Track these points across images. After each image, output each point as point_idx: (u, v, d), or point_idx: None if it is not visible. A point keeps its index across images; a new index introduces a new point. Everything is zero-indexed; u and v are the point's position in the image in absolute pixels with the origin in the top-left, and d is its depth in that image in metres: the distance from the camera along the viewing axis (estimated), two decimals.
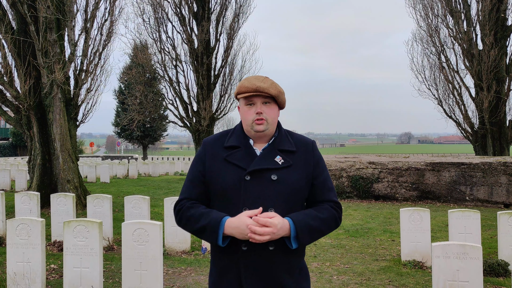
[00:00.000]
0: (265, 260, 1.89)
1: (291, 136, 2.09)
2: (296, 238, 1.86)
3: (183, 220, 1.98)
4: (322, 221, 1.93)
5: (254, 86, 1.95)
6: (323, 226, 1.94)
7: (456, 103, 20.51)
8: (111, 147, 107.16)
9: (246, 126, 2.02)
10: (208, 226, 1.87)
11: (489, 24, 18.13)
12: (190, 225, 1.95)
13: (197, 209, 1.95)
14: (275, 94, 1.98)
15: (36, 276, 4.69)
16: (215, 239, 1.86)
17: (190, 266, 6.12)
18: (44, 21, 10.53)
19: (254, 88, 1.95)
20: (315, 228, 1.90)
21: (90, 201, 7.31)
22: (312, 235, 1.91)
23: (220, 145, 2.03)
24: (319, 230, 1.93)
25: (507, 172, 11.75)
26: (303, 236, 1.87)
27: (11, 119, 11.28)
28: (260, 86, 1.95)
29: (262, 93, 1.96)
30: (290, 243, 1.88)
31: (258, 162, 1.94)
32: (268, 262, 1.89)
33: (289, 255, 1.93)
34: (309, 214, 1.93)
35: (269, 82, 1.99)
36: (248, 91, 1.96)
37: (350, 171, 13.09)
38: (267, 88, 1.96)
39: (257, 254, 1.88)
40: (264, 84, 1.97)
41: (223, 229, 1.84)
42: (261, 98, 1.98)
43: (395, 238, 7.82)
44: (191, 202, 2.00)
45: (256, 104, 1.98)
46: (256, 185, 1.90)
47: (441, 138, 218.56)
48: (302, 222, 1.87)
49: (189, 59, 20.80)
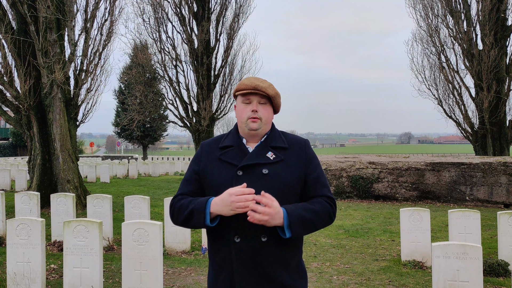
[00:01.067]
0: (258, 251, 1.90)
1: (285, 135, 2.14)
2: (289, 227, 1.86)
3: (175, 212, 2.03)
4: (314, 213, 1.94)
5: (253, 84, 2.02)
6: (316, 218, 1.95)
7: (456, 103, 20.51)
8: (111, 147, 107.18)
9: (240, 124, 2.08)
10: (195, 209, 1.93)
11: (489, 24, 18.13)
12: (181, 213, 1.99)
13: (186, 199, 2.02)
14: (272, 94, 2.04)
15: (36, 276, 4.69)
16: (203, 219, 1.90)
17: (190, 266, 6.12)
18: (44, 21, 10.53)
19: (253, 86, 2.02)
20: (307, 219, 1.91)
21: (90, 201, 7.31)
22: (305, 226, 1.91)
23: (216, 146, 2.11)
24: (311, 221, 1.93)
25: (507, 172, 11.75)
26: (295, 226, 1.87)
27: (11, 119, 11.28)
28: (258, 84, 2.02)
29: (260, 92, 2.02)
30: (283, 232, 1.89)
31: (250, 158, 2.00)
32: (261, 254, 1.90)
33: (283, 247, 1.94)
34: (302, 206, 1.95)
35: (268, 83, 2.06)
36: (247, 88, 2.03)
37: (350, 171, 13.09)
38: (265, 88, 2.02)
39: (250, 245, 1.90)
40: (262, 84, 2.03)
41: (209, 208, 1.89)
42: (258, 97, 2.04)
43: (395, 238, 7.82)
44: (182, 195, 2.06)
45: (253, 102, 2.04)
46: (248, 180, 1.94)
47: (441, 138, 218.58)
48: (295, 212, 1.89)
49: (189, 59, 20.80)
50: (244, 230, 1.90)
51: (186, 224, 2.00)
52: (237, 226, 1.91)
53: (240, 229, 1.90)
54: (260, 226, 1.87)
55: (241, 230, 1.90)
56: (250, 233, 1.90)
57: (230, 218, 1.91)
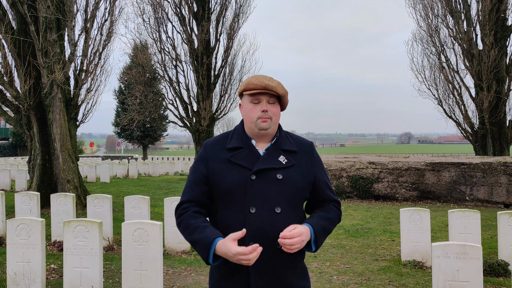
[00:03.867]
0: (273, 257, 1.91)
1: (291, 136, 2.13)
2: (315, 241, 1.95)
3: (182, 226, 2.01)
4: (331, 221, 2.06)
5: (262, 83, 1.97)
6: (332, 226, 2.08)
7: (456, 103, 20.51)
8: (111, 147, 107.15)
9: (249, 124, 2.03)
10: (200, 243, 1.90)
11: (489, 24, 18.13)
12: (186, 235, 1.98)
13: (195, 220, 1.96)
14: (282, 93, 2.01)
15: (36, 276, 4.69)
16: (205, 257, 1.88)
17: (190, 266, 6.12)
18: (44, 21, 10.53)
19: (263, 86, 1.97)
20: (327, 228, 2.03)
21: (90, 201, 7.31)
22: (326, 235, 2.04)
23: (222, 146, 2.05)
24: (329, 230, 2.05)
25: (507, 172, 11.75)
26: (320, 239, 1.97)
27: (11, 119, 11.28)
28: (268, 84, 1.97)
29: (270, 92, 1.98)
30: (309, 247, 1.96)
31: (264, 162, 1.97)
32: (276, 260, 1.92)
33: (294, 254, 1.95)
34: (321, 217, 2.04)
35: (276, 82, 2.02)
36: (256, 88, 1.98)
37: (350, 171, 13.09)
38: (275, 87, 1.98)
39: (265, 251, 1.88)
40: (272, 83, 1.99)
41: (214, 249, 1.86)
42: (267, 97, 2.00)
43: (395, 238, 7.82)
44: (194, 210, 2.00)
45: (262, 102, 2.00)
46: (262, 184, 1.92)
47: (441, 138, 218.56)
48: (318, 226, 1.98)
49: (189, 59, 20.78)
50: (258, 235, 1.89)
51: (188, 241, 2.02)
52: (251, 231, 1.88)
53: (254, 235, 1.88)
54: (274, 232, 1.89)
55: (256, 236, 1.88)
56: (265, 239, 1.88)
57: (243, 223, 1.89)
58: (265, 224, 1.89)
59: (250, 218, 1.89)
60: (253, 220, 1.88)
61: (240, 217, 1.91)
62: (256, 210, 1.89)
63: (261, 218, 1.89)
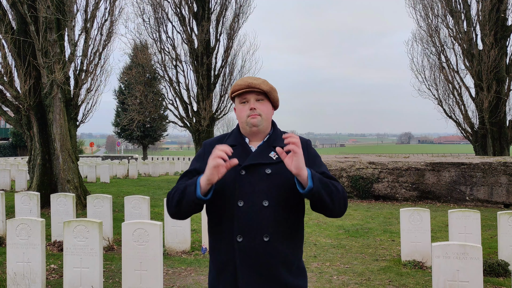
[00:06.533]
0: (261, 251, 1.90)
1: None
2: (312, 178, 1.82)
3: (170, 198, 1.99)
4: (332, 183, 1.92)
5: (246, 82, 2.04)
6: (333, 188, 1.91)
7: (456, 103, 20.52)
8: (111, 147, 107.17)
9: (241, 124, 2.09)
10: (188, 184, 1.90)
11: (489, 24, 18.14)
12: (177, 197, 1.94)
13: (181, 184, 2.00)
14: (267, 89, 2.05)
15: (36, 276, 4.69)
16: (193, 189, 1.85)
17: (190, 266, 6.12)
18: (44, 21, 10.53)
19: (246, 85, 2.03)
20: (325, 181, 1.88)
21: (90, 201, 7.31)
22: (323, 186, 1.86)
23: None
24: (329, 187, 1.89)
25: (507, 172, 11.75)
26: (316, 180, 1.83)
27: (11, 119, 11.28)
28: (252, 82, 2.04)
29: (254, 89, 2.03)
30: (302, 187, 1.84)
31: (254, 157, 2.00)
32: (264, 254, 1.90)
33: (285, 247, 1.94)
34: None
35: (261, 80, 2.08)
36: (241, 88, 2.04)
37: (350, 171, 13.09)
38: (258, 84, 2.04)
39: (252, 245, 1.89)
40: (256, 81, 2.05)
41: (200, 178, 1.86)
42: (254, 95, 2.06)
43: (395, 238, 7.82)
44: None
45: (250, 101, 2.06)
46: (251, 179, 1.95)
47: (441, 138, 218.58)
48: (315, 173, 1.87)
49: (189, 59, 20.80)
50: (246, 229, 1.90)
51: (179, 206, 1.95)
52: (239, 225, 1.91)
53: (242, 229, 1.90)
54: (262, 225, 1.88)
55: (243, 229, 1.90)
56: (252, 232, 1.90)
57: (231, 217, 1.92)
58: (252, 217, 1.90)
59: (237, 211, 1.91)
60: (240, 213, 1.90)
61: (228, 211, 1.94)
62: (244, 204, 1.92)
63: (249, 211, 1.90)
